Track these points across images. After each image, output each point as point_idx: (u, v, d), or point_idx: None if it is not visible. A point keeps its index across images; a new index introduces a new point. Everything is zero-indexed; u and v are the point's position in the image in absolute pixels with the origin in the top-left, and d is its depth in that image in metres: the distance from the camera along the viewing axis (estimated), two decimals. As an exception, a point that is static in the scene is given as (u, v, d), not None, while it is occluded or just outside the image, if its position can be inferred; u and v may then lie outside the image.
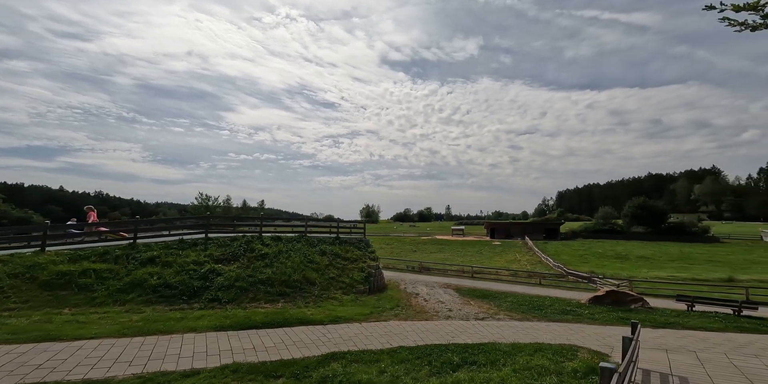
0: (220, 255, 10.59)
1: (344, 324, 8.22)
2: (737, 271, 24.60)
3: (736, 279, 21.48)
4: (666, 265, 29.28)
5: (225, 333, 6.94)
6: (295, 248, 12.29)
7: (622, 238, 49.12)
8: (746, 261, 30.44)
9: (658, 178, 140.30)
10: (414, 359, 6.08)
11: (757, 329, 8.95)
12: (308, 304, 9.57)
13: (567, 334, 8.65)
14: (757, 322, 9.67)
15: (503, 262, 32.96)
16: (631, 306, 12.51)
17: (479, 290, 14.99)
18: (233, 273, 9.74)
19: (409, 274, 21.40)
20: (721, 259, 31.54)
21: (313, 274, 11.09)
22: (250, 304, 8.91)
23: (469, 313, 10.69)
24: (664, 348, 7.49)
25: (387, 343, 7.05)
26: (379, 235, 52.92)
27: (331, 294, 10.62)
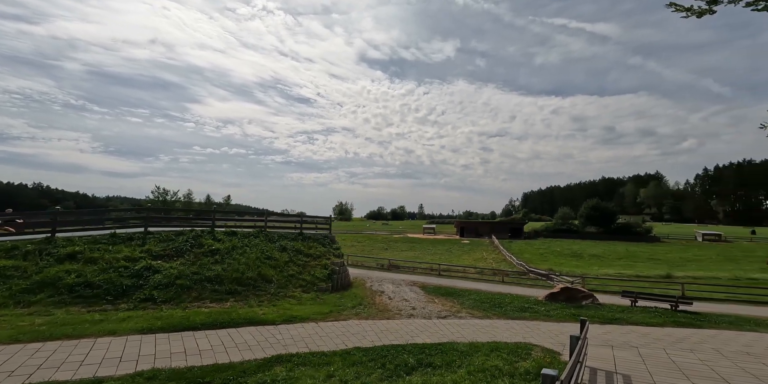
0: (161, 250, 9.59)
1: (299, 324, 7.71)
2: (674, 269, 26.57)
3: (674, 276, 23.14)
4: (614, 263, 31.11)
5: (153, 336, 6.15)
6: (252, 244, 11.48)
7: (577, 237, 51.82)
8: (682, 259, 33.04)
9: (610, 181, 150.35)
10: (368, 361, 5.73)
11: (691, 323, 9.46)
12: (262, 303, 8.90)
13: (524, 332, 8.71)
14: (692, 317, 10.25)
15: (471, 260, 33.55)
16: (583, 302, 12.96)
17: (444, 288, 14.97)
18: (175, 270, 8.83)
19: (378, 271, 21.13)
20: (661, 257, 34.03)
21: (270, 271, 10.40)
22: (192, 304, 8.10)
23: (432, 311, 10.57)
24: (610, 344, 7.67)
25: (342, 344, 6.66)
26: (352, 233, 52.31)
27: (290, 292, 10.00)
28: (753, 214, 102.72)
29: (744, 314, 11.14)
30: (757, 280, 21.57)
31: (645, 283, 19.20)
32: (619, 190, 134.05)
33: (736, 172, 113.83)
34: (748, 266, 28.48)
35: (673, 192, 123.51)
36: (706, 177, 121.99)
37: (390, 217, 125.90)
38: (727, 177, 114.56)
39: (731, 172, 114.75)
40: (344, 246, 39.96)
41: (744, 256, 33.90)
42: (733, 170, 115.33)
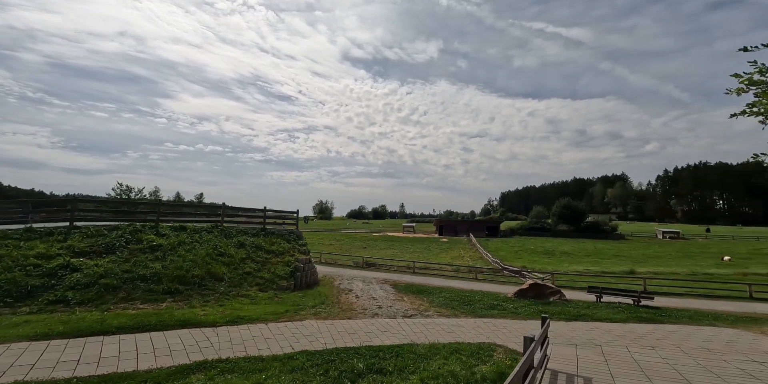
0: (87, 247, 8.49)
1: (245, 325, 6.90)
2: (637, 265, 27.27)
3: (636, 271, 23.65)
4: (583, 260, 31.70)
5: (46, 342, 5.20)
6: (204, 239, 10.47)
7: (550, 235, 52.96)
8: (644, 255, 34.12)
9: (580, 182, 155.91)
10: (310, 367, 5.03)
11: (653, 319, 9.30)
12: (207, 303, 7.99)
13: (489, 331, 8.25)
14: (653, 312, 10.13)
15: (448, 258, 33.36)
16: (551, 298, 12.72)
17: (417, 286, 14.45)
18: (100, 268, 7.76)
19: (353, 269, 20.39)
20: (625, 254, 35.04)
21: (222, 269, 9.46)
22: (117, 306, 7.10)
23: (399, 310, 9.99)
24: (574, 343, 7.30)
25: (288, 348, 5.94)
26: (331, 232, 51.26)
27: (244, 291, 9.11)
28: (707, 214, 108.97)
29: (702, 308, 11.18)
30: (712, 275, 22.33)
31: (610, 279, 19.41)
32: (588, 190, 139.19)
33: (693, 173, 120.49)
34: (703, 262, 29.66)
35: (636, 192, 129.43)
36: (666, 178, 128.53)
37: (371, 216, 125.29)
38: (684, 178, 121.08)
39: (688, 174, 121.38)
40: (322, 244, 39.11)
41: (700, 253, 35.43)
42: (689, 172, 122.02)
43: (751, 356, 5.91)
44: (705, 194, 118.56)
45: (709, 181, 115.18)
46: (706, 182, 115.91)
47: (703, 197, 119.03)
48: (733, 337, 7.39)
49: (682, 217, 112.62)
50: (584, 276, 20.94)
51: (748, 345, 6.71)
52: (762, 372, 5.06)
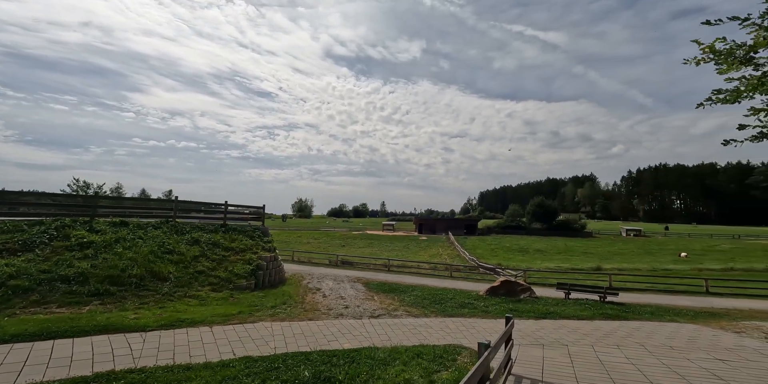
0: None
1: (183, 329, 6.09)
2: (604, 261, 28.09)
3: (603, 268, 24.27)
4: (555, 257, 32.39)
5: None
6: (149, 236, 9.46)
7: (525, 233, 54.13)
8: (610, 252, 35.33)
9: (554, 182, 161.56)
10: (246, 376, 4.35)
11: (618, 315, 9.20)
12: (144, 306, 7.09)
13: (457, 332, 7.83)
14: (618, 308, 10.07)
15: (427, 256, 33.17)
16: (521, 296, 12.54)
17: (390, 284, 13.97)
18: (11, 268, 6.71)
19: (327, 268, 19.63)
20: (593, 251, 36.17)
21: (168, 268, 8.52)
22: (26, 310, 6.09)
23: (366, 309, 9.45)
24: (541, 343, 6.98)
25: (229, 353, 5.23)
26: (309, 230, 50.06)
27: (193, 291, 8.23)
28: (666, 213, 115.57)
29: (663, 304, 11.30)
30: (670, 271, 23.22)
31: (579, 275, 19.69)
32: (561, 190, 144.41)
33: (653, 175, 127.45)
34: (662, 258, 31.00)
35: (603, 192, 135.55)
36: (630, 179, 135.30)
37: (352, 215, 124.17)
38: (646, 179, 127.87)
39: (649, 175, 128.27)
40: (299, 243, 37.97)
41: (659, 250, 37.11)
42: (650, 173, 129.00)
43: (713, 354, 5.75)
44: (664, 194, 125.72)
45: (668, 182, 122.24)
46: (665, 183, 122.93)
47: (663, 197, 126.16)
48: (694, 333, 7.32)
49: (644, 215, 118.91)
50: (555, 272, 21.19)
51: (709, 341, 6.61)
52: (726, 371, 4.86)
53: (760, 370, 4.95)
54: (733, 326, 7.82)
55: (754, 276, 20.67)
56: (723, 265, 25.79)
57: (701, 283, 15.43)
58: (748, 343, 6.46)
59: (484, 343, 3.35)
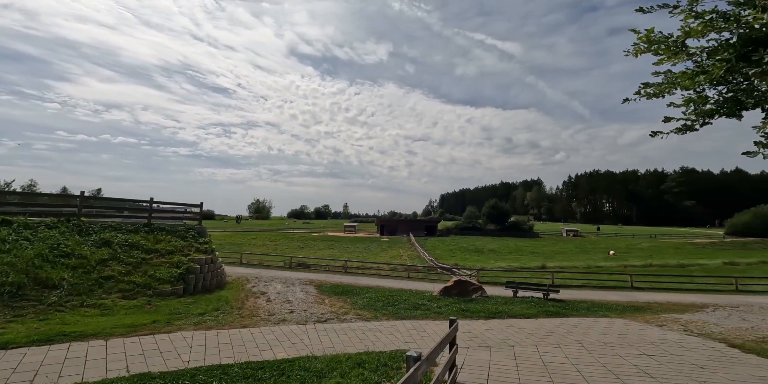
0: None
1: (65, 344, 4.99)
2: (547, 260, 30.09)
3: (547, 266, 25.92)
4: (506, 257, 34.05)
5: None
6: (39, 237, 7.95)
7: (481, 234, 56.54)
8: (552, 251, 38.09)
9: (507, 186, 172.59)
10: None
11: (559, 312, 9.53)
12: (19, 318, 5.80)
13: (407, 336, 7.46)
14: (559, 305, 10.48)
15: (387, 257, 32.93)
16: (473, 295, 12.65)
17: (344, 286, 13.35)
18: None
19: (280, 271, 18.36)
20: (539, 250, 38.73)
21: (62, 274, 7.18)
22: None
23: (313, 314, 8.78)
24: (489, 344, 6.86)
25: (118, 371, 4.34)
26: (266, 232, 47.41)
27: (95, 300, 6.96)
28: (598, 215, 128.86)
29: (596, 299, 12.07)
30: (602, 268, 25.46)
31: (526, 274, 20.69)
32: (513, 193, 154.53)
33: (588, 180, 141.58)
34: (595, 256, 34.09)
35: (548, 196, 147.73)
36: (570, 184, 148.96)
37: (313, 216, 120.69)
38: (582, 184, 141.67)
39: (585, 181, 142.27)
40: (254, 245, 35.65)
41: (593, 248, 40.86)
42: (586, 179, 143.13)
43: (642, 349, 6.01)
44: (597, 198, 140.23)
45: (600, 187, 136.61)
46: (597, 188, 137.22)
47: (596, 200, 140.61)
48: (624, 328, 7.72)
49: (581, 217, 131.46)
50: (506, 271, 22.09)
51: (637, 336, 6.97)
52: (655, 368, 5.02)
53: (683, 364, 5.21)
54: (655, 320, 8.44)
55: (668, 271, 23.42)
56: (643, 262, 28.99)
57: (627, 279, 16.96)
58: (669, 336, 6.93)
59: (413, 356, 2.87)
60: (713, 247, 39.94)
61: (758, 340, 6.45)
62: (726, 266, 26.69)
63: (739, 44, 2.87)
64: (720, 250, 38.33)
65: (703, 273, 22.06)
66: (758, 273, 21.62)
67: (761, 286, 15.73)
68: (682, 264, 27.68)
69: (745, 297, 13.04)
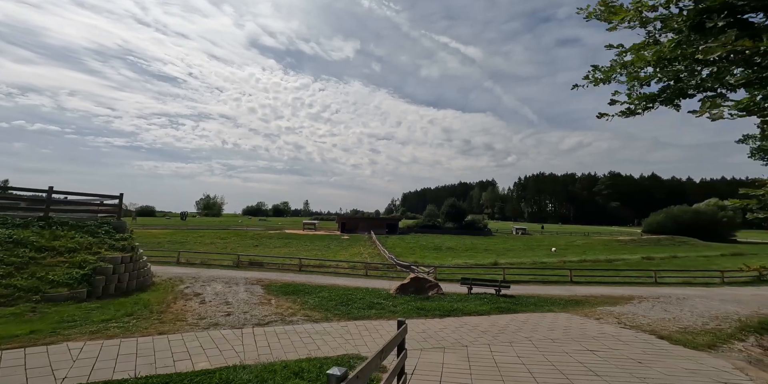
0: None
1: None
2: (499, 257, 31.70)
3: (499, 263, 27.23)
4: (463, 254, 35.25)
5: None
6: None
7: (440, 232, 58.21)
8: (504, 249, 40.38)
9: (464, 186, 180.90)
10: None
11: (509, 308, 9.71)
12: None
13: (359, 338, 6.94)
14: (510, 301, 10.74)
15: (348, 255, 32.19)
16: (429, 293, 12.54)
17: (296, 285, 12.50)
18: None
19: (228, 270, 16.73)
20: (492, 248, 40.80)
21: None
22: None
23: (254, 316, 7.93)
24: (443, 345, 6.60)
25: None
26: (216, 229, 43.90)
27: None
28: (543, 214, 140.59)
29: (541, 294, 12.67)
30: (546, 263, 27.40)
31: (480, 270, 21.40)
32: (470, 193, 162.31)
33: (535, 182, 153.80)
34: (540, 253, 36.77)
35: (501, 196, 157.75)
36: (519, 185, 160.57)
37: (271, 214, 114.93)
38: (530, 186, 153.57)
39: (532, 182, 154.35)
40: (199, 243, 32.61)
41: (538, 246, 44.14)
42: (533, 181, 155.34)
43: (585, 344, 6.17)
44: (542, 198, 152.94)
45: (545, 189, 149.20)
46: (543, 189, 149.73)
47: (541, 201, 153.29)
48: (567, 322, 7.99)
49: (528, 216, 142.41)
50: (462, 268, 22.67)
51: (579, 331, 7.20)
52: (599, 365, 5.09)
53: (622, 359, 5.37)
54: (593, 313, 8.94)
55: (599, 266, 25.90)
56: (579, 258, 31.86)
57: (567, 274, 18.28)
58: (607, 329, 7.28)
59: (335, 375, 2.16)
60: (633, 244, 45.41)
61: (681, 331, 7.05)
62: (644, 261, 30.35)
63: (693, 13, 2.86)
64: (639, 246, 43.70)
65: (627, 267, 24.77)
66: (670, 266, 24.86)
67: (674, 279, 17.98)
68: (609, 259, 30.90)
69: (662, 289, 14.70)
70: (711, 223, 58.21)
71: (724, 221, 59.17)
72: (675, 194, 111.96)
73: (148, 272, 9.62)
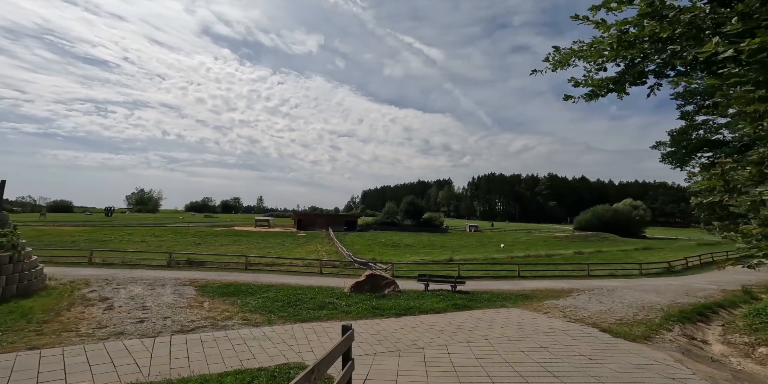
0: None
1: None
2: (454, 253, 32.76)
3: (454, 259, 28.06)
4: (420, 251, 35.78)
5: None
6: None
7: (398, 229, 58.74)
8: (458, 245, 41.99)
9: (423, 184, 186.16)
10: None
11: (465, 305, 9.67)
12: None
13: (305, 343, 6.19)
14: (465, 298, 10.75)
15: (304, 253, 30.67)
16: (386, 290, 12.12)
17: (238, 285, 11.25)
18: None
19: (156, 270, 14.55)
20: (448, 244, 42.17)
21: None
22: None
23: (176, 322, 6.81)
24: (398, 348, 6.13)
25: None
26: (150, 226, 39.08)
27: None
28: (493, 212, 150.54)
29: (494, 289, 13.01)
30: (496, 259, 28.90)
31: (437, 266, 21.69)
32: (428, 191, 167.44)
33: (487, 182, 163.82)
34: (490, 249, 38.90)
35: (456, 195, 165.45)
36: (473, 185, 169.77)
37: (219, 210, 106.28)
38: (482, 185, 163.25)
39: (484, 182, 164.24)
40: (128, 242, 28.57)
41: (488, 242, 46.76)
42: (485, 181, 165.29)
43: (538, 341, 6.17)
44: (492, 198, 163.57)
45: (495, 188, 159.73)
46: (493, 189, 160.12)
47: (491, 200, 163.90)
48: (519, 318, 8.09)
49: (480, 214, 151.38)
50: (419, 265, 22.79)
51: (531, 326, 7.28)
52: (553, 364, 5.02)
53: (574, 356, 5.40)
54: (541, 307, 9.25)
55: (541, 260, 28.06)
56: (524, 253, 34.31)
57: (515, 269, 19.32)
58: (555, 324, 7.47)
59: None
60: (567, 240, 50.45)
61: (618, 323, 7.51)
62: (576, 255, 33.71)
63: None
64: (571, 242, 48.66)
65: (563, 261, 27.18)
66: (597, 260, 27.84)
67: (602, 271, 20.02)
68: (549, 254, 33.77)
69: (594, 281, 16.16)
70: (626, 221, 67.13)
71: (637, 219, 68.73)
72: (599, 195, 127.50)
73: (39, 274, 7.78)
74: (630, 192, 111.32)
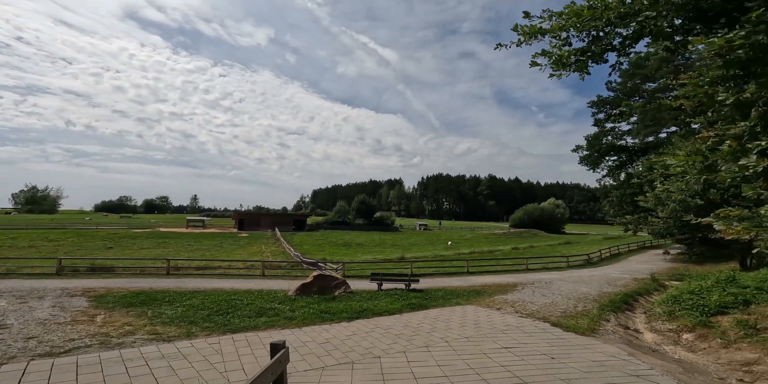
0: None
1: None
2: (406, 251, 32.99)
3: (405, 257, 28.14)
4: (372, 250, 35.29)
5: None
6: None
7: (349, 228, 57.60)
8: (409, 243, 42.62)
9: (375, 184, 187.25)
10: None
11: (420, 304, 9.29)
12: None
13: (232, 360, 5.00)
14: (420, 296, 10.41)
15: (246, 255, 27.86)
16: (336, 292, 11.21)
17: (153, 293, 9.33)
18: None
19: (41, 279, 11.41)
20: (399, 243, 42.51)
21: None
22: None
23: (45, 342, 5.34)
24: (351, 359, 5.33)
25: None
26: (45, 229, 32.07)
27: None
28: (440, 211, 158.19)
29: (446, 286, 13.00)
30: (444, 256, 29.82)
31: (389, 265, 21.34)
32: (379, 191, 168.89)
33: (435, 182, 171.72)
34: (439, 246, 40.27)
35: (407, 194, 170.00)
36: (422, 185, 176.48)
37: (141, 210, 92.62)
38: (430, 185, 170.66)
39: (432, 182, 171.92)
40: (11, 247, 22.72)
41: (437, 240, 48.48)
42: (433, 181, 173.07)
43: (498, 341, 5.94)
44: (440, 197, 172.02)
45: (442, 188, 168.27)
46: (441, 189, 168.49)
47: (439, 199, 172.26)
48: (475, 316, 7.94)
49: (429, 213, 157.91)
50: (371, 263, 22.19)
51: (488, 324, 7.13)
52: (517, 366, 4.74)
53: (536, 355, 5.24)
54: (493, 303, 9.32)
55: (485, 256, 29.75)
56: (469, 250, 36.18)
57: (464, 265, 19.92)
58: (509, 320, 7.45)
59: None
60: (505, 237, 55.00)
61: (564, 316, 7.80)
62: (513, 250, 36.70)
63: None
64: (508, 238, 53.13)
65: (503, 256, 29.21)
66: (531, 254, 30.54)
67: (537, 265, 21.83)
68: (491, 250, 36.15)
69: (532, 274, 17.38)
70: (551, 218, 76.01)
71: (559, 217, 78.31)
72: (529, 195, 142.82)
73: None
74: (553, 192, 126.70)
